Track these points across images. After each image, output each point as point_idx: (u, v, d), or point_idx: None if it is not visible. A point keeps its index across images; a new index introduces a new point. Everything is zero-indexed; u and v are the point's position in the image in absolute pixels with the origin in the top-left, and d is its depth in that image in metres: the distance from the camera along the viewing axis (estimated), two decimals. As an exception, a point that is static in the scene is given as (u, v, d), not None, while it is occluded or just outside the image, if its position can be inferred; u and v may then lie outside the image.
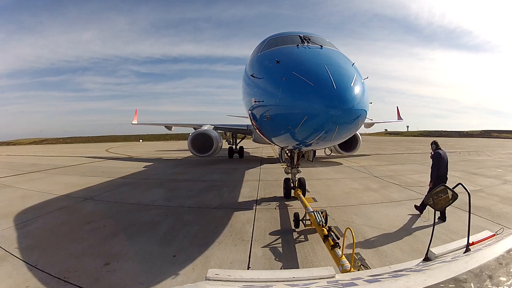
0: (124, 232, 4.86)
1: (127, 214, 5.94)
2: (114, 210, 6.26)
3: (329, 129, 3.24)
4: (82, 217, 5.78)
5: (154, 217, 5.72)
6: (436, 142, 6.12)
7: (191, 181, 10.06)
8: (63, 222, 5.44)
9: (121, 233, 4.79)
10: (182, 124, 21.94)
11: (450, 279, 1.15)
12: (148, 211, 6.11)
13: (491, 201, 6.70)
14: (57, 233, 4.88)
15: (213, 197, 7.44)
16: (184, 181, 10.00)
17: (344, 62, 3.71)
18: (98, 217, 5.74)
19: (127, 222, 5.43)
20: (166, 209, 6.30)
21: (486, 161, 14.91)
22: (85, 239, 4.55)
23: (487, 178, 9.77)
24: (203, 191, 8.19)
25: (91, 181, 10.00)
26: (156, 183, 9.66)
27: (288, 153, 6.66)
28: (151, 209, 6.27)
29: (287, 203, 6.77)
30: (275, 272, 2.90)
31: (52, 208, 6.43)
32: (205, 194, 7.73)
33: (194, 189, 8.49)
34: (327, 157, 15.41)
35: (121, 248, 4.18)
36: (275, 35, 5.34)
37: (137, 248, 4.17)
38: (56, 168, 14.48)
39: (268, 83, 3.96)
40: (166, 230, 4.96)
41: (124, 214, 5.95)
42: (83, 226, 5.20)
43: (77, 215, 5.93)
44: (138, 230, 4.99)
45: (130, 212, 6.08)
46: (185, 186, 8.94)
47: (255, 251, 4.09)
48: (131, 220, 5.55)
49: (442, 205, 1.93)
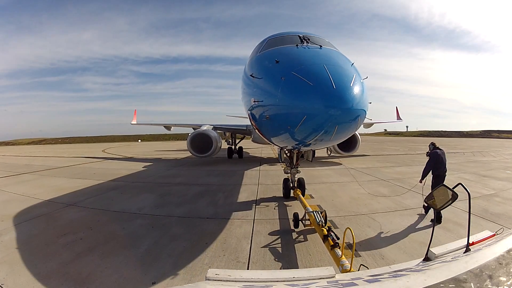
0: (101, 247, 4.35)
1: (109, 225, 5.46)
2: (95, 219, 5.76)
3: (328, 129, 3.26)
4: (60, 226, 5.33)
5: (138, 228, 5.20)
6: (434, 143, 6.11)
7: (184, 185, 9.58)
8: (40, 233, 5.02)
9: (97, 249, 4.28)
10: (181, 124, 21.97)
11: (450, 279, 1.14)
12: (132, 221, 5.60)
13: (509, 206, 6.32)
14: (30, 245, 4.49)
15: (207, 204, 6.89)
16: (178, 185, 9.51)
17: (343, 62, 3.74)
18: (77, 227, 5.26)
19: (107, 234, 4.92)
20: (153, 219, 5.77)
21: (492, 162, 14.77)
22: (58, 255, 4.09)
23: (498, 180, 9.51)
24: (196, 197, 7.69)
25: (79, 184, 9.65)
26: (147, 187, 9.25)
27: (288, 153, 6.68)
28: (136, 219, 5.76)
29: (286, 203, 6.77)
30: (275, 272, 2.88)
31: (32, 215, 6.08)
32: (198, 201, 7.21)
33: (186, 194, 8.02)
34: (326, 157, 15.24)
35: (94, 269, 3.68)
36: (275, 35, 5.36)
37: (111, 270, 3.65)
38: (48, 169, 14.21)
39: (267, 83, 3.96)
40: (149, 246, 4.40)
41: (106, 225, 5.47)
42: (58, 238, 4.74)
43: (55, 225, 5.47)
44: (117, 245, 4.46)
45: (112, 222, 5.60)
46: (178, 191, 8.44)
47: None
48: (111, 232, 5.06)
49: (442, 205, 1.93)
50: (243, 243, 4.48)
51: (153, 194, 8.05)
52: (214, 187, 8.93)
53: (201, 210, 6.27)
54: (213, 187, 8.83)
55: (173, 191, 8.40)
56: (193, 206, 6.63)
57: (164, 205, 6.77)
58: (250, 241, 4.54)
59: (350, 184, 8.97)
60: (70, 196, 7.93)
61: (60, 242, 4.54)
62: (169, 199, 7.34)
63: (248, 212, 6.10)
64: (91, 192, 8.40)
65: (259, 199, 7.13)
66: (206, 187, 8.82)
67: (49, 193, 8.25)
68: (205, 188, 8.64)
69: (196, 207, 6.59)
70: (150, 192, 8.27)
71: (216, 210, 6.32)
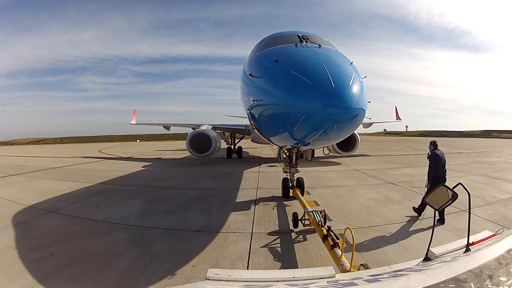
0: (71, 267, 3.82)
1: (86, 238, 4.92)
2: (73, 231, 5.26)
3: (327, 128, 3.27)
4: (35, 238, 4.86)
5: (117, 243, 4.62)
6: (434, 143, 5.95)
7: (177, 189, 9.03)
8: (11, 245, 4.58)
9: (67, 269, 3.74)
10: (181, 124, 21.83)
11: (450, 279, 1.15)
12: (112, 234, 5.05)
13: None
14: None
15: (199, 212, 6.27)
16: (170, 189, 8.96)
17: (342, 61, 3.76)
18: (51, 239, 4.76)
19: (82, 250, 4.39)
20: (136, 231, 5.17)
21: (499, 163, 14.44)
22: (23, 275, 3.61)
23: (511, 183, 9.13)
24: (188, 203, 7.10)
25: (66, 187, 9.24)
26: (136, 191, 8.71)
27: (287, 153, 6.72)
28: (116, 231, 5.19)
29: (285, 202, 6.76)
30: (275, 272, 2.88)
31: (9, 224, 5.66)
32: (190, 209, 6.60)
33: (178, 200, 7.45)
34: (325, 157, 14.95)
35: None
36: (274, 34, 5.38)
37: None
38: (39, 170, 13.89)
39: (266, 82, 3.98)
40: (125, 268, 3.81)
41: (83, 237, 4.94)
42: (30, 252, 4.27)
43: (30, 235, 5.01)
44: (89, 265, 3.92)
45: (90, 234, 5.07)
46: (169, 196, 7.87)
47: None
48: (87, 247, 4.51)
49: (442, 205, 1.91)
50: (238, 265, 3.84)
51: (141, 199, 7.52)
52: (209, 191, 8.37)
53: (192, 220, 5.70)
54: (208, 192, 8.28)
55: (164, 196, 7.85)
56: (183, 215, 6.03)
57: (151, 214, 6.21)
58: (247, 263, 3.87)
59: (358, 189, 8.50)
60: (54, 201, 7.50)
61: (30, 258, 4.08)
62: (158, 206, 6.78)
63: (245, 223, 5.46)
64: (77, 197, 7.97)
65: (258, 206, 6.58)
66: (200, 192, 8.29)
67: (33, 197, 7.87)
68: (199, 193, 8.11)
69: (186, 216, 5.99)
70: (139, 198, 7.74)
71: (209, 220, 5.70)
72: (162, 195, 7.88)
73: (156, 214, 6.10)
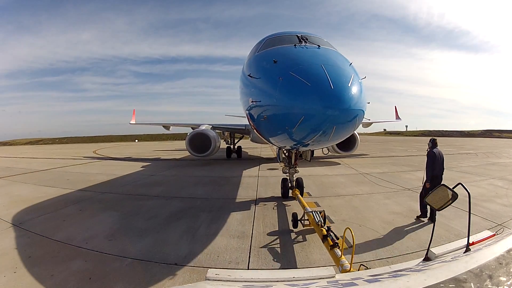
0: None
1: (38, 267, 3.85)
2: (27, 255, 4.21)
3: (326, 129, 3.24)
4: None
5: (69, 279, 3.54)
6: (434, 141, 5.83)
7: (163, 198, 7.88)
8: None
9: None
10: (180, 124, 21.76)
11: (450, 279, 1.13)
12: (69, 264, 3.97)
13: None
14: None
15: (181, 233, 5.08)
16: (154, 198, 7.82)
17: (341, 62, 3.74)
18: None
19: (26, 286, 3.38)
20: (97, 260, 4.06)
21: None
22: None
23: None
24: (170, 219, 5.94)
25: (43, 194, 8.37)
26: (115, 201, 7.62)
27: (286, 153, 6.70)
28: (75, 258, 4.13)
29: (285, 203, 6.75)
30: (275, 272, 2.83)
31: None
32: (171, 227, 5.43)
33: (159, 214, 6.31)
34: (325, 157, 14.76)
35: None
36: (273, 34, 5.36)
37: None
38: (25, 173, 13.18)
39: (265, 83, 3.97)
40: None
41: (34, 266, 3.88)
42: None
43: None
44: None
45: (43, 262, 4.01)
46: (150, 208, 6.82)
47: None
48: (34, 281, 3.46)
49: (442, 205, 1.88)
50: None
51: (117, 212, 6.46)
52: (199, 202, 7.22)
53: (171, 246, 4.48)
54: (197, 203, 7.12)
55: (144, 208, 6.79)
56: (161, 237, 4.87)
57: (123, 234, 5.09)
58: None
59: (374, 198, 7.42)
60: (23, 212, 6.67)
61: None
62: (134, 223, 5.69)
63: (240, 253, 4.21)
64: (48, 207, 7.08)
65: (257, 225, 5.41)
66: (188, 203, 7.14)
67: (4, 206, 7.16)
68: (186, 205, 6.94)
69: (165, 238, 4.83)
70: (115, 210, 6.70)
71: (192, 246, 4.45)
72: (143, 207, 6.81)
73: (128, 235, 5.01)
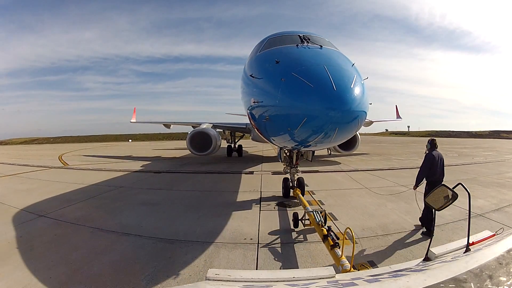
0: None
1: None
2: None
3: (328, 131, 3.27)
4: None
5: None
6: (433, 142, 5.23)
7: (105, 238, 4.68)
8: None
9: None
10: (181, 123, 21.76)
11: (450, 279, 1.15)
12: None
13: None
14: None
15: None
16: (110, 233, 4.86)
17: (344, 62, 3.75)
18: None
19: None
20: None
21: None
22: None
23: None
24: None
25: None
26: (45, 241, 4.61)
27: (287, 153, 6.73)
28: None
29: (285, 203, 6.77)
30: (275, 272, 2.89)
31: None
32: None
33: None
34: (326, 156, 14.95)
35: None
36: (275, 34, 5.36)
37: None
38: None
39: (267, 83, 3.98)
40: None
41: None
42: None
43: None
44: None
45: None
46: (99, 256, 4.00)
47: None
48: None
49: (442, 205, 1.92)
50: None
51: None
52: (181, 234, 4.73)
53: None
54: (180, 235, 4.69)
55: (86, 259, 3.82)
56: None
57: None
58: None
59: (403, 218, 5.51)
60: None
61: None
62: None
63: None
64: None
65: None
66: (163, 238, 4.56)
67: None
68: (159, 245, 4.31)
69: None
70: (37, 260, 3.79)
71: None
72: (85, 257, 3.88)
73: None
